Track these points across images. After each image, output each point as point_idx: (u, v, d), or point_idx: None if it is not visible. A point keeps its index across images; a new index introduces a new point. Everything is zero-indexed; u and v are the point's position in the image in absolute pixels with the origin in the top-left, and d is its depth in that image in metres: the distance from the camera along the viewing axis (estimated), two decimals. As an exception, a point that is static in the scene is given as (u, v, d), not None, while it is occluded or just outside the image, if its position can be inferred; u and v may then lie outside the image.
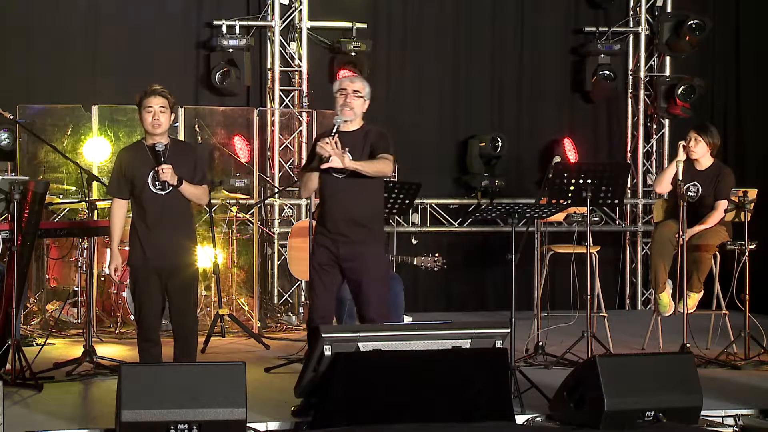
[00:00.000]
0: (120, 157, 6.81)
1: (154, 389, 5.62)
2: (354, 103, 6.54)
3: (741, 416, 6.44)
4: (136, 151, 6.76)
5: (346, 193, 6.50)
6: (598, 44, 11.67)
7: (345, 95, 6.54)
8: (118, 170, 6.75)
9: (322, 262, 6.57)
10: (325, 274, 6.57)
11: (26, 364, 7.00)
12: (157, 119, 6.63)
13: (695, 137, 8.39)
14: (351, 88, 6.55)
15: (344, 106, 6.53)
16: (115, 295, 9.54)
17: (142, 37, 10.79)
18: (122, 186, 6.72)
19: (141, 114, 6.68)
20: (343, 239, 6.50)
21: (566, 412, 6.20)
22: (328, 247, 6.54)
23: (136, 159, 6.70)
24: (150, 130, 6.66)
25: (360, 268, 6.50)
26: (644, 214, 11.91)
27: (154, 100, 6.65)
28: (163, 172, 6.57)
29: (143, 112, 6.66)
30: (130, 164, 6.69)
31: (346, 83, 6.60)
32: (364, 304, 6.53)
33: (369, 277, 6.50)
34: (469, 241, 11.64)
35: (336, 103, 6.57)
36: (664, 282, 8.38)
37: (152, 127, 6.64)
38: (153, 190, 6.64)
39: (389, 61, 11.49)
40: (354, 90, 6.54)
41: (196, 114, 10.18)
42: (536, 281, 8.43)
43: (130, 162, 6.70)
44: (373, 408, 5.90)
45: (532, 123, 11.84)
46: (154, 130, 6.64)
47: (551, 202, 7.56)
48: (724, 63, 12.17)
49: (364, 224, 6.53)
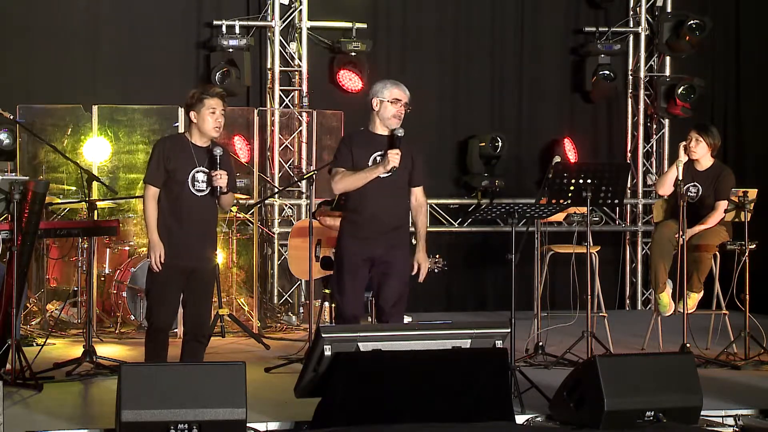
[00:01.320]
0: (163, 147, 6.64)
1: (154, 389, 5.62)
2: (403, 113, 6.74)
3: (741, 416, 6.44)
4: (180, 145, 6.63)
5: (384, 193, 6.67)
6: (598, 44, 11.67)
7: (400, 105, 6.72)
8: (159, 159, 6.58)
9: (355, 262, 6.70)
10: (356, 273, 6.71)
11: (26, 364, 6.99)
12: (220, 121, 6.60)
13: (696, 137, 8.39)
14: (405, 99, 6.74)
15: (397, 117, 6.71)
16: (115, 295, 9.54)
17: (142, 38, 10.79)
18: (162, 175, 6.57)
19: (199, 113, 6.56)
20: (382, 238, 6.66)
21: (566, 412, 6.20)
22: (362, 246, 6.68)
23: (181, 154, 6.59)
24: (211, 133, 6.61)
25: (392, 266, 6.68)
26: (644, 214, 11.91)
27: (218, 102, 6.59)
28: (220, 178, 6.56)
29: (204, 111, 6.55)
30: (173, 157, 6.58)
31: (402, 94, 6.75)
32: (386, 301, 6.70)
33: (398, 276, 6.70)
34: (469, 241, 11.65)
35: (383, 108, 6.71)
36: (664, 282, 8.38)
37: (215, 130, 6.61)
38: (192, 190, 6.59)
39: (389, 61, 11.50)
40: (406, 102, 6.74)
41: (196, 114, 10.16)
42: (536, 281, 8.43)
43: (174, 155, 6.58)
44: (373, 408, 5.89)
45: (532, 123, 11.85)
46: (215, 133, 6.62)
47: (551, 202, 7.56)
48: (724, 63, 12.18)
49: (401, 224, 6.75)
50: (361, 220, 6.72)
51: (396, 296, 6.71)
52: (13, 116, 9.17)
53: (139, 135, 10.14)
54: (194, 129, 6.63)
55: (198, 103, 6.57)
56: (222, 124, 6.62)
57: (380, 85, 6.80)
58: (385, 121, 6.74)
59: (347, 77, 11.07)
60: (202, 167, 6.61)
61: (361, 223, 6.72)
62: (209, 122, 6.58)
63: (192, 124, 6.62)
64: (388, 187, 6.69)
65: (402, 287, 6.74)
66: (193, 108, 6.59)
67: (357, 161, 6.72)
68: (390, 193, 6.71)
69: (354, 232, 6.73)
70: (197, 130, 6.62)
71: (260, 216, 10.34)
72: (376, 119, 6.78)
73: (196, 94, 6.60)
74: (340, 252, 6.80)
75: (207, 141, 6.65)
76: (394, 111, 6.71)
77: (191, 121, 6.62)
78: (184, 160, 6.58)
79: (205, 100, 6.57)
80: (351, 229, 6.75)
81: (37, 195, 7.04)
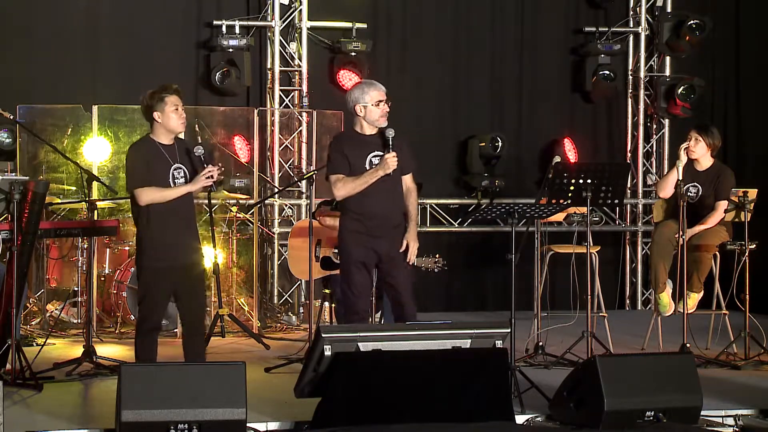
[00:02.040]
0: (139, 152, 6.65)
1: (154, 389, 5.62)
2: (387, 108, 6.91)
3: (741, 416, 6.44)
4: (152, 149, 6.66)
5: (383, 190, 6.80)
6: (598, 44, 11.67)
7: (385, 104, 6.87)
8: (143, 163, 6.59)
9: (362, 260, 6.83)
10: (365, 271, 6.84)
11: (26, 364, 6.99)
12: (184, 116, 6.67)
13: (696, 137, 8.39)
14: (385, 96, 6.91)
15: (384, 116, 6.87)
16: (115, 295, 9.54)
17: (142, 37, 10.79)
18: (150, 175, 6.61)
19: (162, 112, 6.60)
20: (386, 235, 6.79)
21: (566, 412, 6.20)
22: (367, 244, 6.80)
23: (156, 157, 6.63)
24: (177, 129, 6.69)
25: (398, 257, 6.83)
26: (644, 214, 11.91)
27: (178, 98, 6.65)
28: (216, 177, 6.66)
29: (168, 109, 6.60)
30: (151, 160, 6.61)
31: (382, 94, 6.91)
32: (401, 292, 6.85)
33: (405, 269, 6.85)
34: (469, 241, 11.65)
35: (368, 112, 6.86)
36: (664, 282, 8.38)
37: (181, 126, 6.68)
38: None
39: (389, 61, 11.50)
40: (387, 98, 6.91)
41: (196, 114, 10.15)
42: (536, 281, 8.43)
43: (151, 158, 6.61)
44: (373, 408, 5.89)
45: (532, 123, 11.85)
46: (181, 128, 6.71)
47: (551, 202, 7.56)
48: (724, 63, 12.18)
49: (398, 219, 6.89)
50: (364, 219, 6.81)
51: (409, 284, 6.88)
52: (13, 116, 9.16)
53: (139, 135, 10.09)
54: (159, 129, 6.67)
55: (160, 102, 6.62)
56: (185, 119, 6.70)
57: (358, 92, 6.95)
58: (374, 123, 6.88)
59: (347, 77, 11.07)
60: (177, 164, 6.66)
61: (364, 222, 6.81)
62: (174, 119, 6.64)
63: (156, 125, 6.66)
64: (386, 184, 6.81)
65: (410, 276, 6.91)
66: (155, 109, 6.64)
67: (354, 165, 6.82)
68: (389, 190, 6.83)
69: (357, 229, 6.82)
70: (163, 129, 6.66)
71: (260, 216, 10.34)
72: (363, 122, 6.91)
73: (156, 95, 6.64)
74: (346, 250, 6.88)
75: (172, 138, 6.71)
76: (380, 112, 6.86)
77: (155, 121, 6.65)
78: (160, 161, 6.63)
79: (166, 98, 6.63)
80: (354, 227, 6.83)
81: (37, 195, 7.04)
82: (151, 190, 6.58)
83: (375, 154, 6.82)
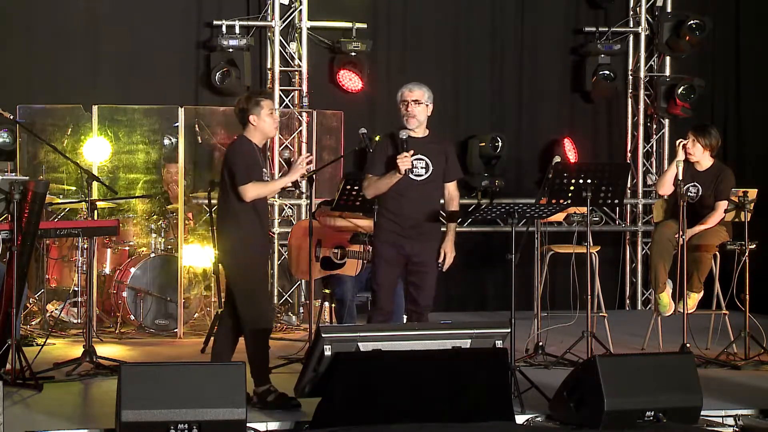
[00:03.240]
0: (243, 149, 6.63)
1: (154, 389, 5.62)
2: (415, 110, 6.88)
3: (741, 416, 6.44)
4: (254, 148, 6.68)
5: (421, 194, 6.89)
6: (598, 44, 11.67)
7: (406, 105, 6.88)
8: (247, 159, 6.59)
9: (390, 259, 6.91)
10: (392, 270, 6.92)
11: (26, 364, 6.99)
12: (278, 120, 6.81)
13: (692, 139, 8.39)
14: (410, 98, 6.89)
15: (407, 115, 6.89)
16: (115, 295, 9.54)
17: (142, 37, 10.79)
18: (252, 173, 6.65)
19: (258, 115, 6.62)
20: (416, 235, 6.87)
21: (566, 412, 6.21)
22: (397, 243, 6.89)
23: (259, 157, 6.70)
24: (272, 133, 6.84)
25: (426, 261, 6.92)
26: (644, 214, 11.91)
27: (272, 102, 6.78)
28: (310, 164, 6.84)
29: (264, 113, 6.63)
30: (257, 158, 6.67)
31: (405, 93, 6.93)
32: (421, 292, 6.92)
33: (431, 270, 6.95)
34: (469, 241, 11.62)
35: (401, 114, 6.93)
36: (664, 282, 8.38)
37: (275, 130, 6.85)
38: None
39: (389, 61, 11.50)
40: (413, 100, 6.87)
41: (196, 114, 10.17)
42: (536, 281, 8.43)
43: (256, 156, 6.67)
44: (373, 408, 5.90)
45: (532, 123, 11.85)
46: (275, 132, 6.96)
47: (551, 202, 7.56)
48: (724, 63, 12.18)
49: (432, 222, 6.96)
50: (396, 219, 6.90)
51: (432, 288, 6.98)
52: (13, 116, 9.16)
53: (139, 135, 10.15)
54: (254, 132, 6.68)
55: (256, 106, 6.64)
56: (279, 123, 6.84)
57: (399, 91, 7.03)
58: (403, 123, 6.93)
59: (347, 77, 11.07)
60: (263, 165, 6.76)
61: (396, 222, 6.90)
62: (269, 123, 6.68)
63: (251, 127, 6.66)
64: (424, 187, 6.91)
65: (434, 279, 7.01)
66: (251, 112, 6.64)
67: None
68: (425, 193, 6.93)
69: (388, 227, 6.92)
70: (258, 132, 6.68)
71: (260, 216, 10.33)
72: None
73: (252, 99, 6.68)
74: (376, 246, 7.00)
75: (262, 141, 6.78)
76: (403, 111, 6.92)
77: (250, 125, 6.65)
78: (257, 162, 6.69)
79: (263, 102, 6.66)
80: (387, 225, 6.93)
81: (37, 195, 7.04)
82: (256, 186, 6.58)
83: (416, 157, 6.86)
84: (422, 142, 6.92)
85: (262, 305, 6.69)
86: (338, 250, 8.46)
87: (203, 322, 9.72)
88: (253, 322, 6.60)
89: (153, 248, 9.66)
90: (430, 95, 6.96)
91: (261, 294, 6.75)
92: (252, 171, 6.58)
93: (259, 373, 6.59)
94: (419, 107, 6.88)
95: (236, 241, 6.61)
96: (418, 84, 6.99)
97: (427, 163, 6.91)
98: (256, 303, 6.62)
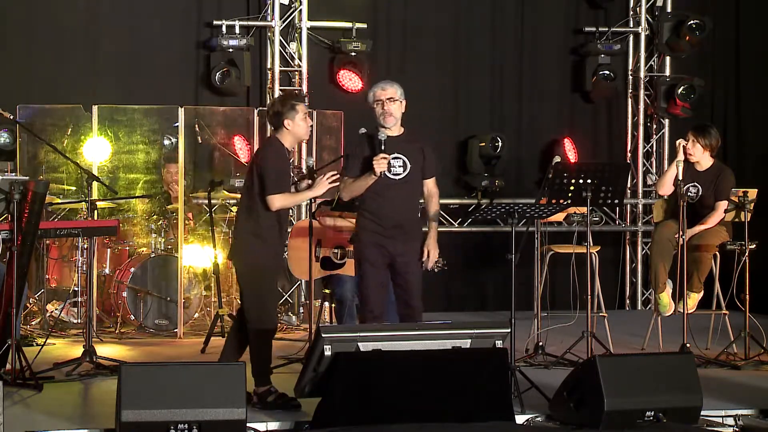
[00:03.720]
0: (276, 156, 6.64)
1: (154, 389, 5.62)
2: (391, 108, 6.85)
3: (741, 416, 6.44)
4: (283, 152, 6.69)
5: (400, 194, 6.86)
6: (598, 44, 11.67)
7: (381, 104, 6.84)
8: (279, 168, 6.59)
9: (375, 261, 6.87)
10: (378, 271, 6.87)
11: (26, 364, 6.99)
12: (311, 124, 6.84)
13: (692, 139, 8.39)
14: (385, 96, 6.87)
15: (383, 114, 6.86)
16: (115, 295, 9.54)
17: (142, 37, 10.79)
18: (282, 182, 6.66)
19: (293, 120, 6.63)
20: (398, 235, 6.83)
21: (566, 412, 6.20)
22: (380, 244, 6.85)
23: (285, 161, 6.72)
24: (305, 137, 6.83)
25: (410, 261, 6.87)
26: (644, 214, 11.91)
27: (305, 106, 6.74)
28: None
29: (298, 118, 6.64)
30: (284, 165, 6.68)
31: (378, 93, 6.90)
32: (409, 293, 6.90)
33: (416, 269, 6.90)
34: (469, 241, 11.64)
35: (375, 114, 6.90)
36: (664, 282, 8.38)
37: (308, 134, 6.81)
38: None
39: (389, 61, 11.50)
40: (388, 98, 6.85)
41: (196, 114, 10.17)
42: (536, 281, 8.43)
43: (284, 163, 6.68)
44: (373, 408, 5.90)
45: (532, 123, 11.85)
46: (307, 136, 6.86)
47: (551, 202, 7.56)
48: (724, 63, 12.18)
49: (413, 221, 6.95)
50: (377, 219, 6.87)
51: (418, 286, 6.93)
52: (13, 116, 9.16)
53: (139, 135, 10.14)
54: (287, 135, 6.69)
55: (291, 110, 6.65)
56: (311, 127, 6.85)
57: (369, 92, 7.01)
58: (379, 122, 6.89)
59: (347, 77, 11.07)
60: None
61: (377, 222, 6.87)
62: (303, 127, 6.70)
63: (285, 131, 6.67)
64: (402, 186, 6.87)
65: (420, 279, 6.96)
66: (286, 116, 6.65)
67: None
68: (404, 193, 6.89)
69: (371, 228, 6.89)
70: (291, 135, 6.70)
71: (260, 216, 10.32)
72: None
73: (288, 102, 6.69)
74: (359, 248, 6.96)
75: (294, 144, 6.80)
76: (379, 111, 6.89)
77: (284, 128, 6.66)
78: (288, 165, 6.74)
79: (297, 106, 6.67)
80: (368, 226, 6.90)
81: (37, 195, 7.03)
82: (283, 197, 6.59)
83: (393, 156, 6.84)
84: (398, 141, 6.90)
85: (268, 307, 6.69)
86: (338, 250, 8.46)
87: (203, 322, 9.72)
88: (259, 322, 6.61)
89: (153, 248, 9.66)
90: (402, 92, 6.94)
91: (270, 297, 6.76)
92: (282, 180, 6.60)
93: (261, 374, 6.59)
94: (395, 105, 6.86)
95: (254, 242, 6.62)
96: (389, 82, 6.98)
97: (404, 161, 6.88)
98: (263, 305, 6.63)
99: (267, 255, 6.62)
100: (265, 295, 6.67)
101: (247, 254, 6.65)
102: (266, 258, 6.62)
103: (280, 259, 6.99)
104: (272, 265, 6.70)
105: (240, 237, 6.74)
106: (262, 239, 6.60)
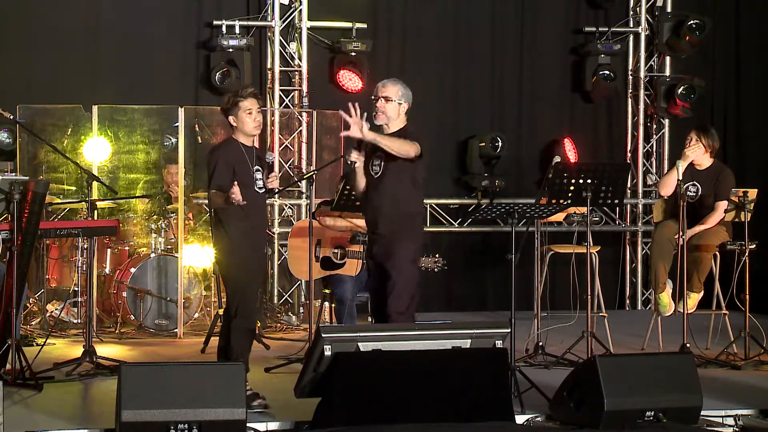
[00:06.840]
0: (220, 154, 6.65)
1: (154, 389, 5.62)
2: (384, 106, 6.75)
3: (741, 416, 6.44)
4: (236, 150, 6.67)
5: (377, 191, 6.74)
6: (598, 44, 11.67)
7: (376, 101, 6.79)
8: (224, 163, 6.59)
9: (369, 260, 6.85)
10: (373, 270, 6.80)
11: (26, 364, 7.00)
12: (258, 120, 6.71)
13: (695, 137, 8.40)
14: (380, 94, 6.78)
15: (375, 111, 6.79)
16: (115, 295, 9.54)
17: (142, 37, 10.79)
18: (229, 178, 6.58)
19: (237, 116, 6.63)
20: (375, 236, 6.75)
21: (566, 412, 6.21)
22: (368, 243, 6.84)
23: (239, 158, 6.65)
24: (252, 132, 6.71)
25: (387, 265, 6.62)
26: (644, 214, 11.91)
27: (253, 102, 6.68)
28: (275, 181, 6.75)
29: (242, 114, 6.63)
30: (234, 161, 6.62)
31: (378, 89, 6.82)
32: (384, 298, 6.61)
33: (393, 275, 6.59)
34: (469, 241, 11.65)
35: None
36: (664, 282, 8.38)
37: (255, 129, 6.71)
38: (255, 189, 6.67)
39: (389, 61, 11.49)
40: (383, 96, 6.76)
41: (196, 114, 10.17)
42: (536, 281, 8.43)
43: (234, 159, 6.63)
44: (373, 408, 5.90)
45: (532, 123, 11.85)
46: (256, 132, 6.74)
47: (551, 202, 7.56)
48: (724, 63, 12.18)
49: (392, 221, 6.68)
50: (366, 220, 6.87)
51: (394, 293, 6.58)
52: (13, 116, 9.16)
53: (139, 135, 10.15)
54: (237, 132, 6.71)
55: (234, 107, 6.66)
56: (261, 123, 6.75)
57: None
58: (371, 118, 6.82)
59: (347, 77, 11.07)
60: (257, 165, 6.70)
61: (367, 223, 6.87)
62: (249, 123, 6.66)
63: (234, 128, 6.69)
64: (380, 184, 6.73)
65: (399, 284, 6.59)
66: (230, 113, 6.67)
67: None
68: (382, 189, 6.72)
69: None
70: (239, 132, 6.70)
71: (260, 216, 10.33)
72: None
73: (231, 99, 6.69)
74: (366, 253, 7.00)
75: (251, 140, 6.75)
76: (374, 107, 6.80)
77: (232, 125, 6.68)
78: (243, 163, 6.66)
79: (240, 102, 6.65)
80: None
81: (37, 195, 7.04)
82: (217, 195, 6.57)
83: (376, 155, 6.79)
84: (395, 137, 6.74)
85: (248, 304, 6.62)
86: (338, 250, 8.46)
87: (203, 322, 9.72)
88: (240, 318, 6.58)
89: (153, 248, 9.66)
90: (405, 93, 6.78)
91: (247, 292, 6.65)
92: (220, 178, 6.55)
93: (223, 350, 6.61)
94: (389, 104, 6.73)
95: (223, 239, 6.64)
96: (393, 81, 6.87)
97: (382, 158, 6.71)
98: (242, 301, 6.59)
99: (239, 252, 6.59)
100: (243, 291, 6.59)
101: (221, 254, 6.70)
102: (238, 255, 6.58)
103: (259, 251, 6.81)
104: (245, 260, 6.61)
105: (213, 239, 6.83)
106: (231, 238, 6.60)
